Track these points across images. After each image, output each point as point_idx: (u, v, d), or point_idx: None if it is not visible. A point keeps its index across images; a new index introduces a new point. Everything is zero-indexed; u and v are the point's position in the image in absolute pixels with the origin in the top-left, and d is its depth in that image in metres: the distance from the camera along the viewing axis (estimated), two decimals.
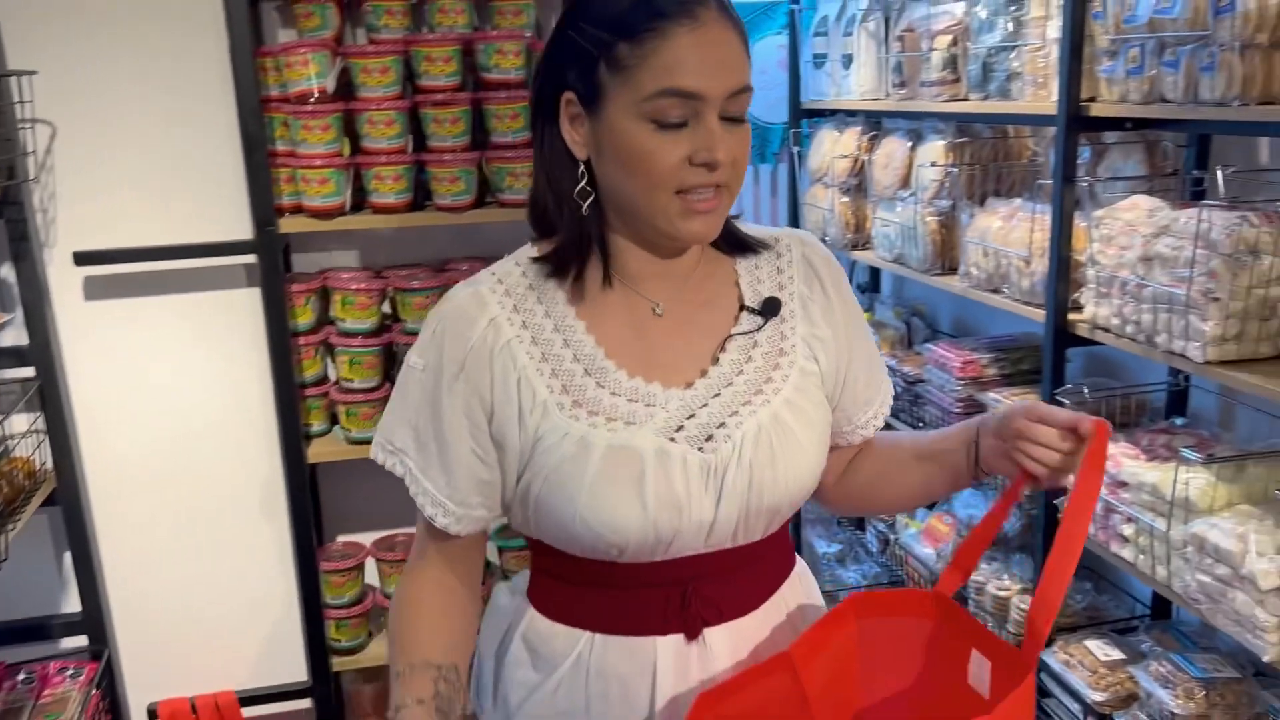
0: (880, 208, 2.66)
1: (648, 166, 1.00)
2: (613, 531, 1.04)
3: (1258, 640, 1.54)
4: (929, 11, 2.39)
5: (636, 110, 0.99)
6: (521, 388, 1.05)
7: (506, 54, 1.79)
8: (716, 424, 1.07)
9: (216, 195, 1.89)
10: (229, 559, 2.14)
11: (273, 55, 1.78)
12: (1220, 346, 1.61)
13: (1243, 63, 1.50)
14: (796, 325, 1.16)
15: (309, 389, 1.94)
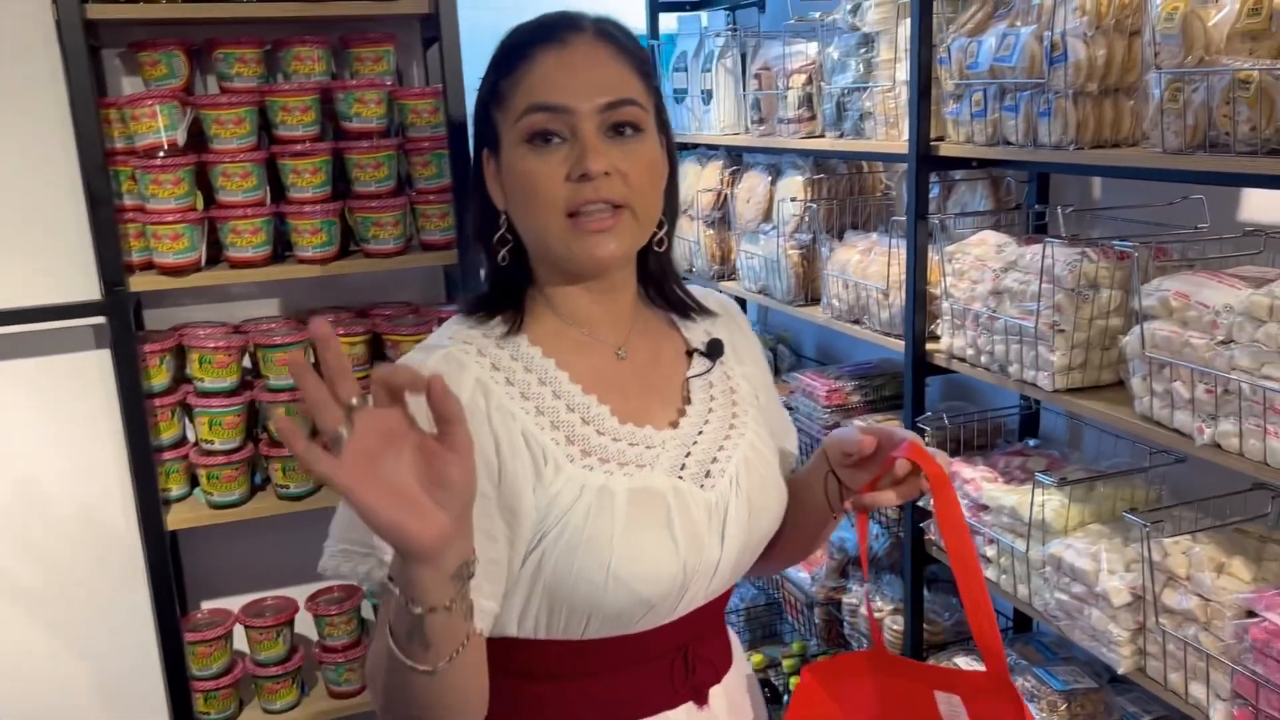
0: (744, 240, 2.72)
1: (532, 188, 1.00)
2: (647, 583, 0.98)
3: (1112, 654, 1.63)
4: (784, 51, 2.46)
5: (515, 135, 1.00)
6: (530, 444, 0.98)
7: (367, 102, 1.75)
8: (710, 460, 1.06)
9: (60, 254, 1.77)
10: (87, 637, 2.00)
11: (117, 106, 1.70)
12: (1067, 375, 1.70)
13: (1076, 109, 1.60)
14: (734, 366, 1.17)
15: (166, 452, 1.84)
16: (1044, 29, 1.62)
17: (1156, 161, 1.46)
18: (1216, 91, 1.35)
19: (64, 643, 2.02)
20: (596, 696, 1.04)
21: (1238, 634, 1.40)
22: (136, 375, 1.70)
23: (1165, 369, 1.47)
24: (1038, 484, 1.77)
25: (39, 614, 1.99)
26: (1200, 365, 1.40)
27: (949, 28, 1.86)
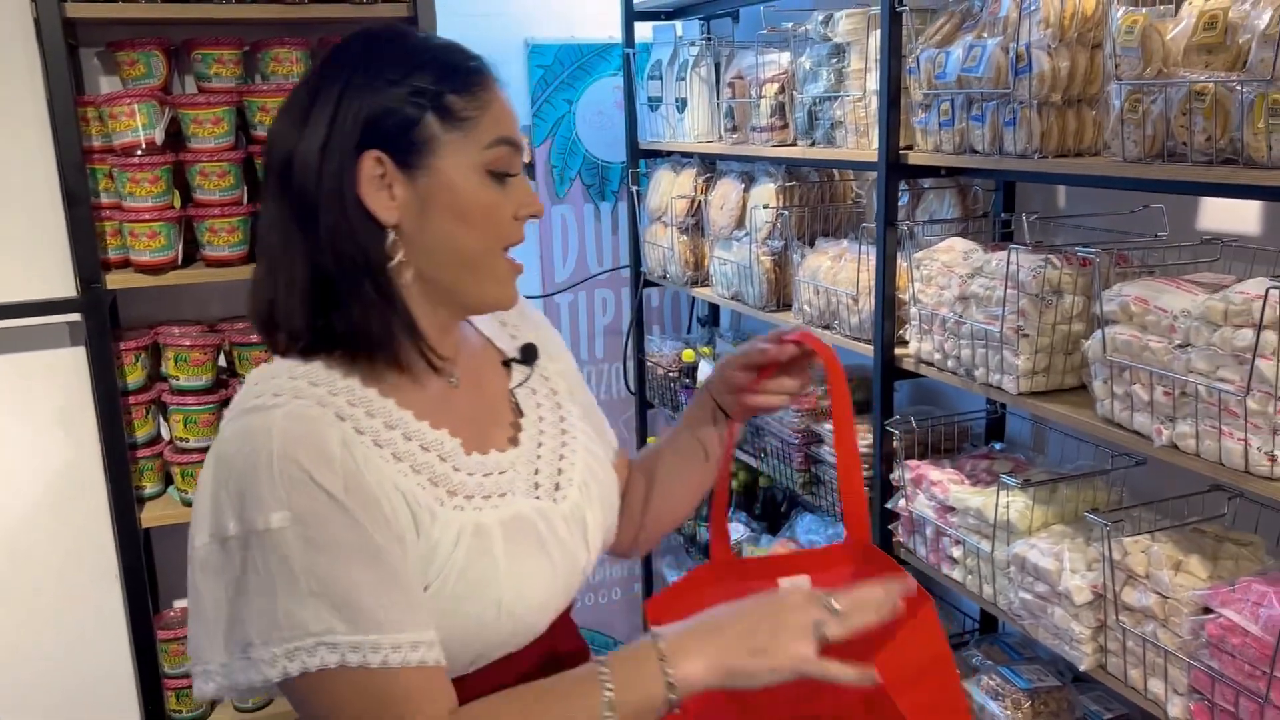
0: (717, 247, 2.75)
1: (489, 220, 0.96)
2: (537, 610, 0.98)
3: (1075, 651, 1.66)
4: (756, 60, 2.50)
5: (477, 161, 0.95)
6: (407, 497, 0.92)
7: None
8: (556, 472, 1.07)
9: (37, 251, 1.77)
10: (58, 634, 1.99)
11: (95, 105, 1.70)
12: (1031, 379, 1.74)
13: (1040, 119, 1.64)
14: (547, 365, 1.18)
15: (141, 450, 1.84)
16: (1009, 40, 1.66)
17: (1117, 170, 1.50)
18: (1174, 103, 1.39)
19: (36, 639, 2.02)
20: None
21: (1194, 630, 1.44)
22: (111, 372, 1.70)
23: (1125, 372, 1.51)
24: (1002, 486, 1.80)
25: (11, 609, 1.98)
26: (1159, 368, 1.44)
27: (918, 39, 1.90)
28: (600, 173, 3.40)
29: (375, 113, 0.93)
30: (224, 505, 0.87)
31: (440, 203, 0.94)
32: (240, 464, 0.87)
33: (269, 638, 0.86)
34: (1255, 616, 1.35)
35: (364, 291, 0.93)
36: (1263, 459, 1.32)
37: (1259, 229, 1.67)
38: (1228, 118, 1.32)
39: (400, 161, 0.93)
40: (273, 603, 0.85)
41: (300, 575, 0.85)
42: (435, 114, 0.93)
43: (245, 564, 0.86)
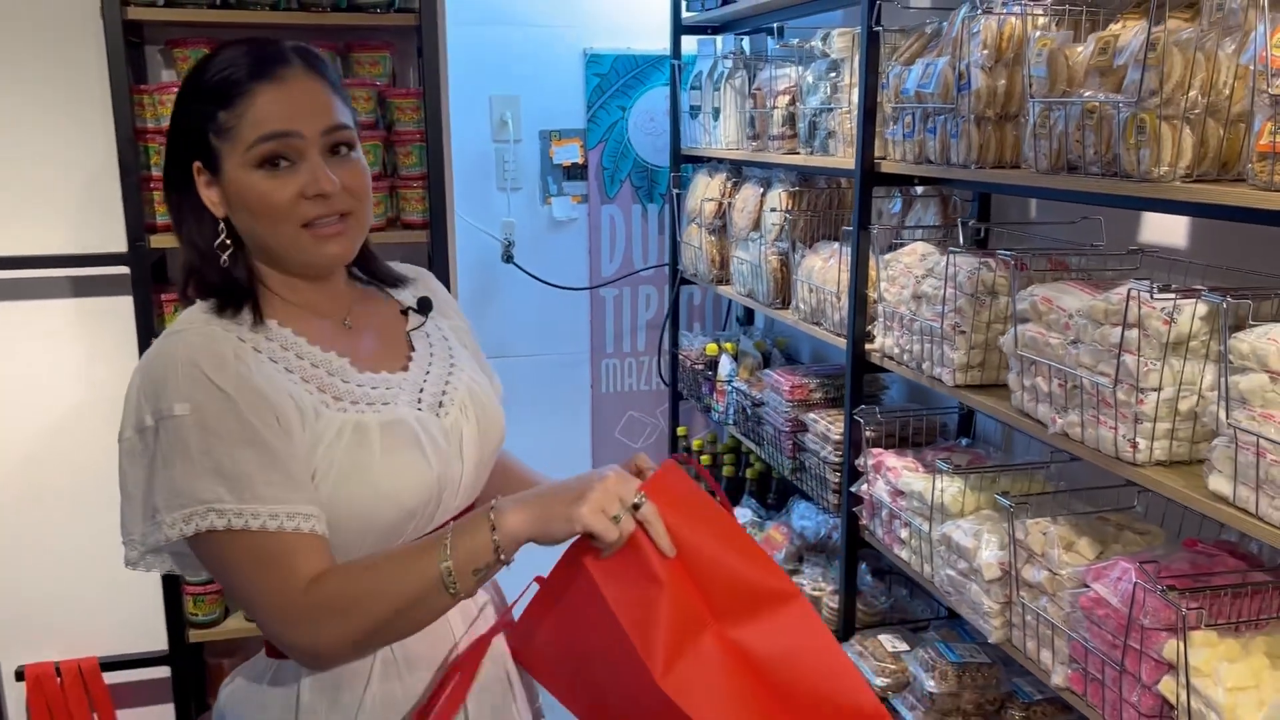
0: (738, 247, 2.92)
1: (267, 207, 1.15)
2: (410, 494, 1.16)
3: (986, 624, 1.80)
4: (773, 73, 2.67)
5: (245, 160, 1.14)
6: (295, 398, 1.13)
7: (358, 99, 2.03)
8: (440, 392, 1.28)
9: (95, 213, 2.10)
10: (96, 537, 2.32)
11: (149, 92, 2.01)
12: (966, 372, 1.87)
13: (978, 132, 1.78)
14: (440, 320, 1.39)
15: None
16: (956, 59, 1.81)
17: (1030, 180, 1.64)
18: (1072, 120, 1.53)
19: (78, 541, 2.35)
20: None
21: (1072, 603, 1.57)
22: (150, 316, 2.00)
23: (1032, 366, 1.64)
24: (937, 471, 1.94)
25: (56, 514, 2.31)
26: (1054, 362, 1.58)
27: (893, 57, 2.06)
28: (649, 176, 3.61)
29: (184, 133, 1.17)
30: (142, 403, 1.10)
31: (235, 198, 1.16)
32: (155, 371, 1.10)
33: (171, 504, 1.07)
34: (1116, 590, 1.47)
35: (211, 266, 1.19)
36: (1126, 445, 1.45)
37: (1184, 243, 1.77)
38: (1111, 134, 1.45)
39: (210, 168, 1.17)
40: (175, 477, 1.06)
41: (196, 456, 1.06)
42: (212, 131, 1.15)
43: (156, 448, 1.08)
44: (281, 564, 1.07)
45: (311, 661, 1.12)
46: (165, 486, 1.07)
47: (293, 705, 1.20)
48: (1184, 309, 1.38)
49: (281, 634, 1.08)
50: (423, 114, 2.03)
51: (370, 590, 1.07)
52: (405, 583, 1.07)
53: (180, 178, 1.19)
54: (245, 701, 1.24)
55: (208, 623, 2.20)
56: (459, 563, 1.06)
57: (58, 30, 2.02)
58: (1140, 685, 1.43)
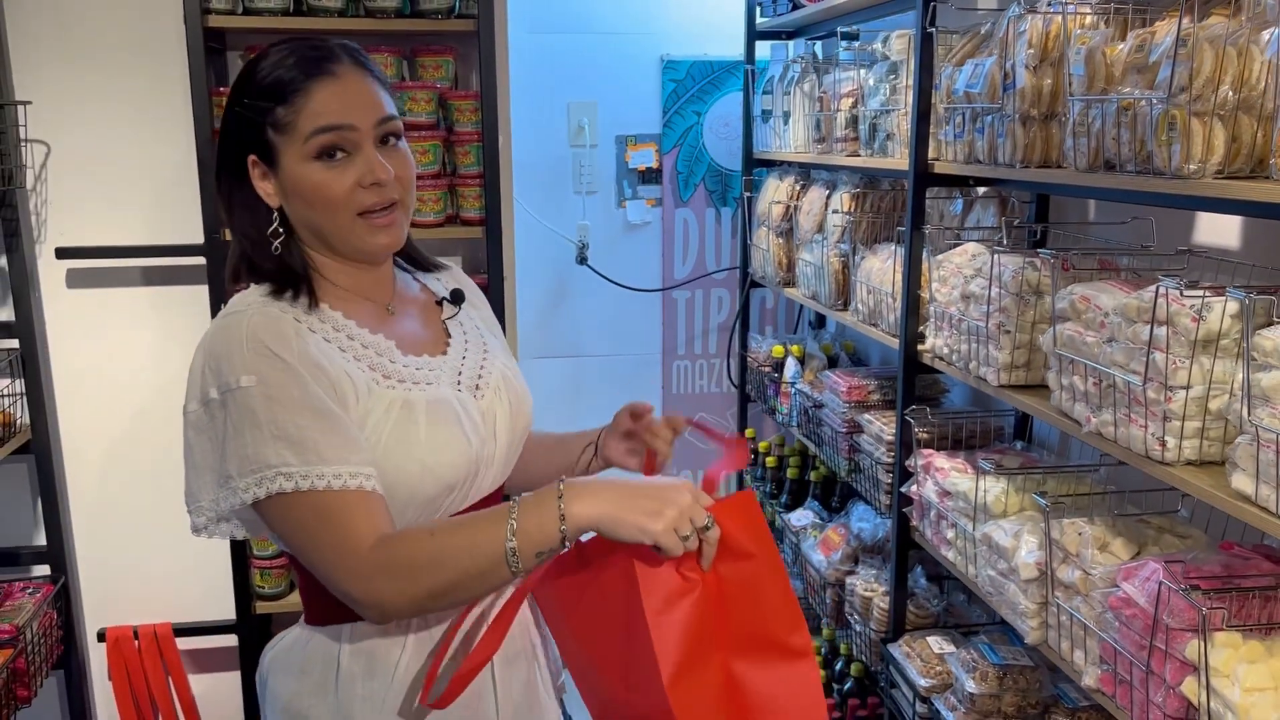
0: (803, 250, 2.94)
1: (324, 197, 1.21)
2: (450, 469, 1.23)
3: (1023, 624, 1.79)
4: (838, 76, 2.69)
5: (302, 153, 1.20)
6: (349, 374, 1.21)
7: (419, 101, 2.14)
8: (477, 376, 1.36)
9: (177, 207, 2.26)
10: (176, 512, 2.46)
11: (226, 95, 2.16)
12: (1011, 372, 1.87)
13: (1024, 131, 1.78)
14: (470, 311, 1.47)
15: None
16: (1003, 59, 1.82)
17: (1070, 179, 1.64)
18: (1109, 118, 1.52)
19: (160, 515, 2.53)
20: None
21: (1104, 604, 1.56)
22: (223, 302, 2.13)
23: (1070, 365, 1.64)
24: (980, 471, 1.94)
25: (142, 488, 2.49)
26: (1089, 361, 1.57)
27: (947, 58, 2.07)
28: (723, 180, 3.65)
29: (240, 128, 1.24)
30: (207, 378, 1.17)
31: (291, 189, 1.23)
32: (218, 348, 1.17)
33: (243, 470, 1.14)
34: (1144, 590, 1.46)
35: (265, 254, 1.26)
36: (1155, 444, 1.44)
37: (1236, 243, 1.74)
38: (1145, 131, 1.45)
39: (266, 162, 1.24)
40: (245, 445, 1.13)
41: (264, 423, 1.13)
42: (270, 126, 1.22)
43: (225, 419, 1.15)
44: (345, 521, 1.13)
45: (374, 614, 1.15)
46: (237, 454, 1.14)
47: (333, 670, 1.27)
48: (1214, 307, 1.37)
49: (348, 587, 1.13)
50: (480, 115, 2.13)
51: (435, 558, 1.11)
52: (469, 556, 1.11)
53: (234, 171, 1.26)
54: (287, 666, 1.32)
55: (273, 595, 2.33)
56: (523, 544, 1.10)
57: (146, 37, 2.20)
58: (1165, 686, 1.42)
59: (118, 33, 2.19)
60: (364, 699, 1.26)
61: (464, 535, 1.12)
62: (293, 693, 1.30)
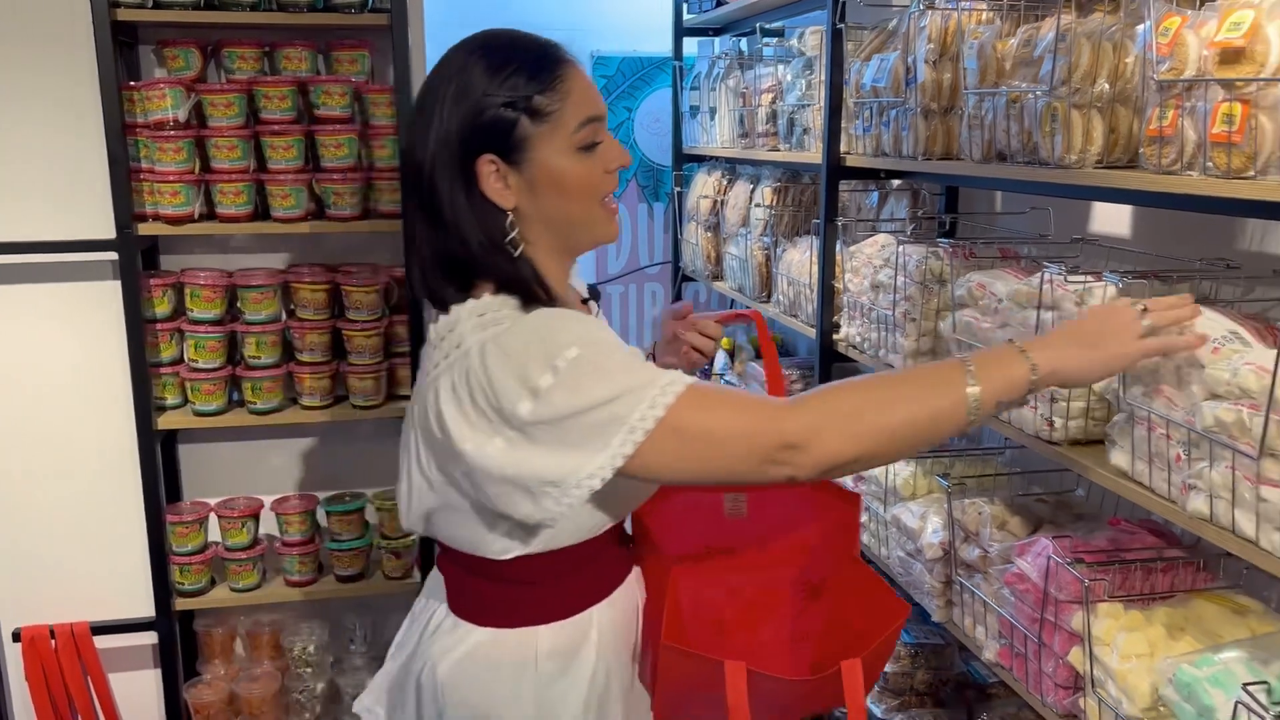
0: (730, 243, 2.99)
1: (584, 186, 1.19)
2: None
3: (930, 603, 1.84)
4: (759, 72, 2.74)
5: (568, 143, 1.16)
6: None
7: (333, 94, 2.16)
8: None
9: (87, 202, 2.25)
10: (91, 509, 2.46)
11: (136, 89, 2.15)
12: (916, 358, 1.92)
13: (925, 125, 1.83)
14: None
15: (164, 368, 2.29)
16: (905, 55, 1.87)
17: (965, 170, 1.69)
18: (999, 110, 1.58)
19: (74, 512, 2.52)
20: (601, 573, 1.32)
21: (1000, 580, 1.61)
22: (137, 301, 2.13)
23: (967, 349, 1.69)
24: None
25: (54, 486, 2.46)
26: (984, 344, 1.62)
27: (856, 53, 2.12)
28: (655, 176, 3.68)
29: (479, 124, 1.14)
30: (527, 373, 1.08)
31: (544, 183, 1.18)
32: (517, 346, 1.11)
33: (638, 403, 1.08)
34: (1035, 566, 1.52)
35: (497, 259, 1.18)
36: (1044, 424, 1.49)
37: (1128, 231, 1.81)
38: (1031, 123, 1.50)
39: (508, 159, 1.16)
40: (618, 385, 1.08)
41: (615, 365, 1.10)
42: (527, 115, 1.15)
43: (576, 390, 1.08)
44: (735, 392, 1.16)
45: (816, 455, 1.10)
46: (619, 399, 1.08)
47: (528, 672, 1.26)
48: (1094, 291, 1.42)
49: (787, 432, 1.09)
50: (395, 109, 2.14)
51: (882, 400, 1.11)
52: (927, 398, 1.11)
53: (457, 179, 1.17)
54: (473, 676, 1.27)
55: (194, 591, 2.33)
56: (987, 392, 1.11)
57: (55, 31, 2.19)
58: (1055, 657, 1.47)
59: (25, 26, 2.18)
60: (561, 699, 1.26)
61: (911, 384, 1.14)
62: (485, 701, 1.26)
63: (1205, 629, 1.33)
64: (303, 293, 2.32)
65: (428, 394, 1.17)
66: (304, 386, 2.37)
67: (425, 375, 1.20)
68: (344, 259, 2.40)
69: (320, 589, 2.44)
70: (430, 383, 1.17)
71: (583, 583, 1.30)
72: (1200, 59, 1.18)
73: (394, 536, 2.44)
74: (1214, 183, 1.15)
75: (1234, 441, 1.13)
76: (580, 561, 1.27)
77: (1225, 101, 1.13)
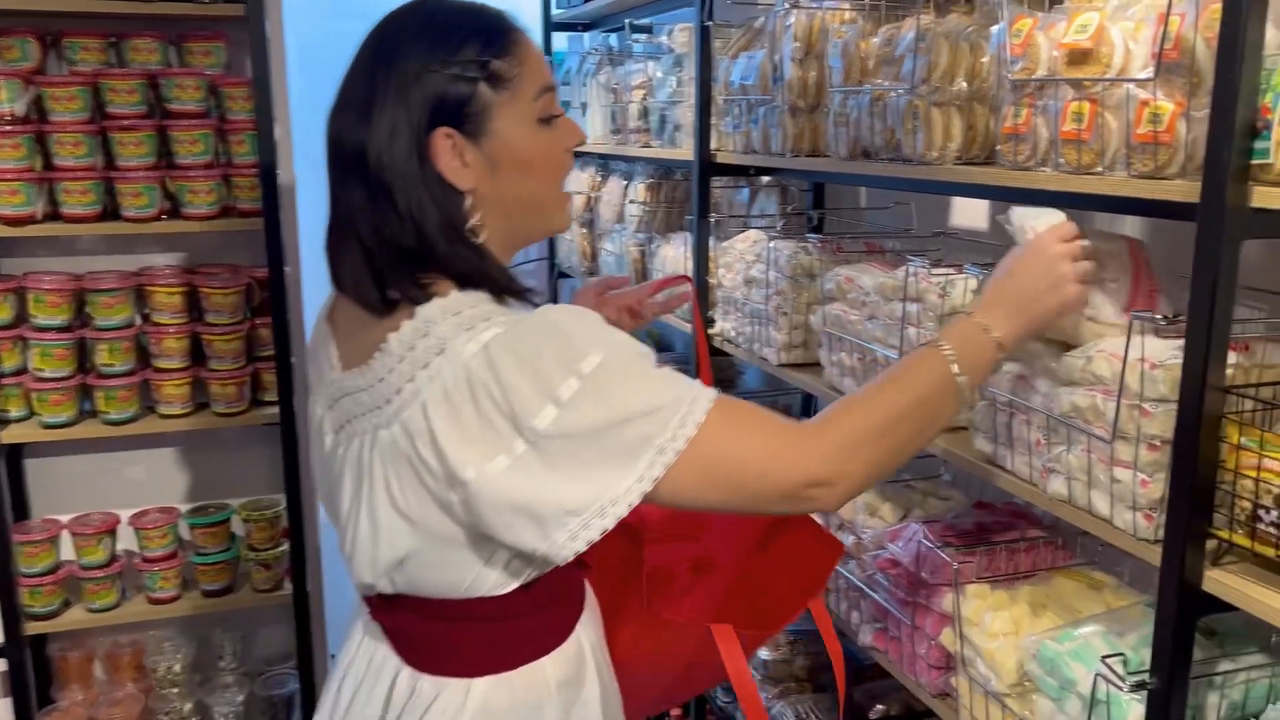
0: (605, 240, 2.98)
1: (548, 163, 1.08)
2: None
3: None
4: (630, 69, 2.74)
5: (527, 113, 1.06)
6: None
7: (187, 88, 2.06)
8: None
9: None
10: None
11: None
12: (789, 352, 1.96)
13: (793, 122, 1.86)
14: None
15: (6, 378, 2.15)
16: (773, 53, 1.89)
17: (832, 167, 1.73)
18: (864, 108, 1.62)
19: None
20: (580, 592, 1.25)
21: (872, 565, 1.66)
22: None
23: (838, 342, 1.73)
24: None
25: None
26: (853, 338, 1.66)
27: (725, 50, 2.14)
28: None
29: (434, 96, 1.02)
30: (549, 379, 0.95)
31: (506, 159, 1.06)
32: (535, 347, 0.96)
33: (664, 425, 0.96)
34: (907, 550, 1.56)
35: (458, 245, 1.04)
36: None
37: (985, 225, 1.88)
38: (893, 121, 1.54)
39: (466, 132, 1.04)
40: (644, 400, 0.96)
41: (636, 375, 0.98)
42: (486, 83, 1.04)
43: (603, 399, 0.96)
44: (757, 411, 1.05)
45: (840, 491, 1.06)
46: (642, 416, 0.97)
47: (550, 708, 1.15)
48: (956, 283, 1.47)
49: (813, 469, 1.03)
50: (253, 102, 2.06)
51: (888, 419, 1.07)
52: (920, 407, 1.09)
53: (409, 155, 1.03)
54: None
55: (45, 614, 2.20)
56: (973, 381, 1.13)
57: None
58: (928, 638, 1.52)
59: None
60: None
61: (906, 389, 1.10)
62: None
63: (1065, 605, 1.40)
64: (158, 296, 2.21)
65: (408, 412, 1.00)
66: (161, 394, 2.26)
67: (391, 393, 1.02)
68: (202, 260, 2.30)
69: (185, 605, 2.34)
70: (409, 399, 1.00)
71: (571, 601, 1.22)
72: (1051, 59, 1.23)
73: (262, 548, 2.35)
74: (1066, 178, 1.20)
75: (1089, 426, 1.18)
76: (569, 578, 1.19)
77: (1075, 101, 1.18)
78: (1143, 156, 1.11)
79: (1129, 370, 1.11)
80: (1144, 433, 1.11)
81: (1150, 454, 1.11)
